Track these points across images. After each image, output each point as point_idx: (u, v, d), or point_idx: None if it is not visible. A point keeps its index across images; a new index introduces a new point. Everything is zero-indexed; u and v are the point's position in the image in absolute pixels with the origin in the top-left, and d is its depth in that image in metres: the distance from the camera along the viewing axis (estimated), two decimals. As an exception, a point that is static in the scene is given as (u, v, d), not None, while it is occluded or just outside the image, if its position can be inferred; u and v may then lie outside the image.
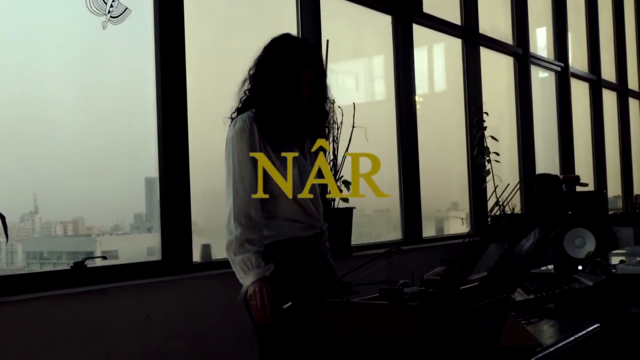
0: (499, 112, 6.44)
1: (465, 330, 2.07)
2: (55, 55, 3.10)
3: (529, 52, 6.70)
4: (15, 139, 2.91)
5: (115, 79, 3.32)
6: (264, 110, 2.53)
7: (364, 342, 1.96)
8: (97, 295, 2.87)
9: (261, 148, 2.51)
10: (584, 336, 2.31)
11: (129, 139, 3.36)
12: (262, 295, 2.38)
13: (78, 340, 2.79)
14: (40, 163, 3.00)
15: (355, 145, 4.06)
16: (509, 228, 1.91)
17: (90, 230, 3.21)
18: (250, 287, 2.40)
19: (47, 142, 3.05)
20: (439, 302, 1.92)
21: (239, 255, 2.42)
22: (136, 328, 2.98)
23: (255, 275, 2.40)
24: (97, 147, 3.20)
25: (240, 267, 2.43)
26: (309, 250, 2.59)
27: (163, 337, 3.08)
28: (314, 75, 2.57)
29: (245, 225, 2.43)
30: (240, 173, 2.48)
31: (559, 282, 2.97)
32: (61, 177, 3.05)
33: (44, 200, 2.99)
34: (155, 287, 3.10)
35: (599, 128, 8.31)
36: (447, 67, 6.10)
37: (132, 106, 3.39)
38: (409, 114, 5.14)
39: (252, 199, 2.46)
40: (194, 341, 3.19)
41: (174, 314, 3.13)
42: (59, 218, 3.12)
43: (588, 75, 8.16)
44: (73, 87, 3.17)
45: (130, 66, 3.39)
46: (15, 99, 2.93)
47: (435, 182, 5.55)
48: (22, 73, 2.98)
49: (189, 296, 3.20)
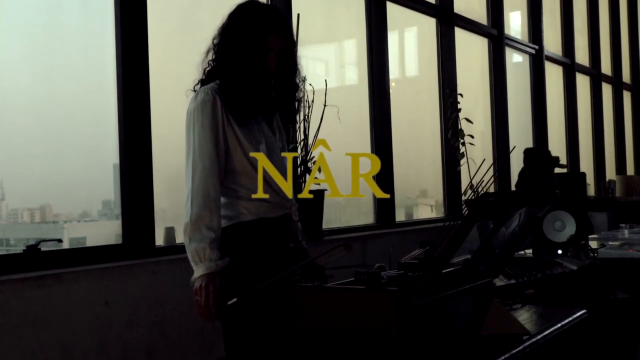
0: (474, 96, 6.32)
1: (448, 318, 1.92)
2: (8, 34, 2.89)
3: (503, 34, 6.58)
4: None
5: (73, 56, 3.12)
6: (229, 81, 2.34)
7: (338, 331, 1.80)
8: (51, 280, 2.68)
9: (224, 122, 2.33)
10: (571, 323, 2.17)
11: (93, 123, 3.19)
12: (208, 292, 2.21)
13: (29, 329, 2.59)
14: (4, 149, 2.86)
15: (327, 126, 3.90)
16: (497, 206, 1.76)
17: (57, 217, 3.08)
18: (197, 280, 2.23)
19: (8, 128, 2.88)
20: (419, 286, 1.77)
21: (193, 241, 2.24)
22: (93, 316, 2.79)
23: (205, 269, 2.22)
24: (61, 132, 3.05)
25: (191, 255, 2.25)
26: (277, 232, 2.42)
27: (123, 325, 2.89)
28: (283, 44, 2.39)
29: (202, 207, 2.25)
30: (200, 149, 2.29)
31: (541, 267, 2.84)
32: (27, 164, 2.94)
33: (11, 187, 2.89)
34: (114, 272, 2.91)
35: (572, 112, 8.24)
36: (420, 49, 5.94)
37: (93, 88, 3.19)
38: (382, 99, 4.98)
39: (212, 178, 2.28)
40: (156, 329, 3.01)
41: (134, 301, 2.94)
42: (26, 205, 3.00)
43: (562, 59, 8.08)
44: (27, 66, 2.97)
45: (89, 43, 3.20)
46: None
47: (406, 168, 5.40)
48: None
49: (150, 281, 3.02)
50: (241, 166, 2.35)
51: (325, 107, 3.88)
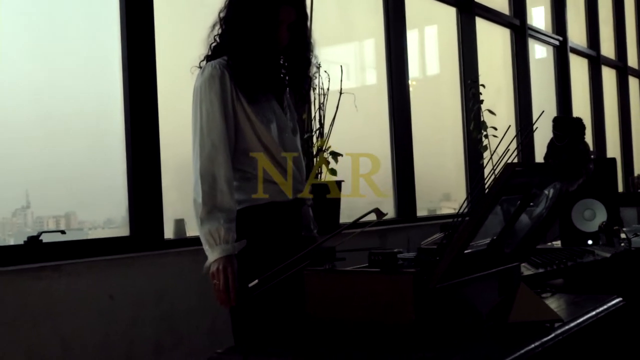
0: (496, 87, 6.12)
1: (471, 303, 1.76)
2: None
3: (526, 24, 6.38)
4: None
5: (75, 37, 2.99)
6: (237, 56, 2.20)
7: (350, 318, 1.64)
8: (50, 272, 2.54)
9: (234, 99, 2.19)
10: (606, 311, 1.99)
11: (99, 115, 3.06)
12: (226, 275, 2.07)
13: (28, 322, 2.45)
14: (28, 158, 2.80)
15: (344, 113, 3.74)
16: (525, 177, 1.59)
17: (82, 224, 2.98)
18: (214, 264, 2.09)
19: (30, 136, 2.82)
20: (439, 268, 1.60)
21: (206, 223, 2.10)
22: (96, 310, 2.65)
23: (221, 252, 2.08)
24: (71, 134, 2.94)
25: (206, 238, 2.11)
26: (290, 217, 2.27)
27: (128, 321, 2.75)
28: (294, 16, 2.24)
29: (213, 187, 2.11)
30: (209, 127, 2.15)
31: (571, 256, 2.66)
32: (50, 171, 2.85)
33: (35, 195, 2.81)
34: (119, 264, 2.77)
35: (598, 106, 8.00)
36: (441, 45, 5.76)
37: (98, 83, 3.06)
38: (402, 95, 4.82)
39: (222, 157, 2.14)
40: (164, 325, 2.86)
41: (141, 295, 2.80)
42: (51, 212, 2.91)
43: (587, 51, 7.85)
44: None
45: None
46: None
47: (428, 167, 5.22)
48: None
49: (158, 275, 2.87)
50: (251, 146, 2.21)
51: (341, 94, 3.72)
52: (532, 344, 1.59)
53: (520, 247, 1.94)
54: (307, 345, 1.68)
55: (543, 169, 1.78)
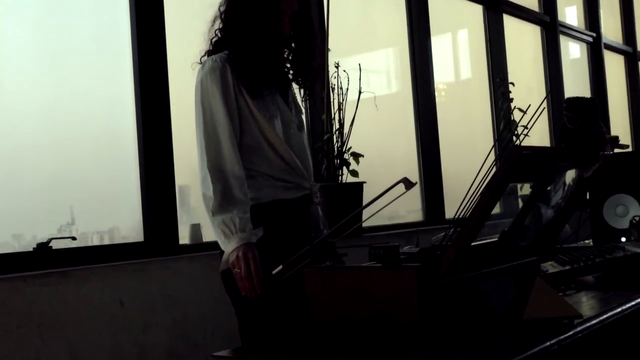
0: (527, 86, 5.95)
1: (482, 300, 1.64)
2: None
3: (557, 20, 6.20)
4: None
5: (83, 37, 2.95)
6: (238, 49, 2.13)
7: (351, 317, 1.54)
8: (58, 278, 2.47)
9: (236, 93, 2.11)
10: (633, 307, 1.85)
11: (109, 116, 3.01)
12: (247, 260, 1.98)
13: (34, 329, 2.39)
14: (73, 175, 2.83)
15: (363, 113, 3.64)
16: (535, 161, 1.47)
17: (125, 239, 2.95)
18: (233, 253, 2.00)
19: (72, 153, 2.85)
20: (444, 262, 1.49)
21: (218, 214, 2.02)
22: (106, 316, 2.58)
23: (239, 240, 2.00)
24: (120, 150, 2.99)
25: (220, 229, 2.02)
26: (297, 215, 2.17)
27: (139, 328, 2.67)
28: (296, 6, 2.16)
29: (223, 181, 2.03)
30: (212, 120, 2.08)
31: (601, 253, 2.51)
32: (93, 187, 2.88)
33: (79, 211, 2.82)
34: (129, 270, 2.69)
35: (636, 103, 7.76)
36: (471, 49, 5.61)
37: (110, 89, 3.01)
38: (427, 99, 4.71)
39: (229, 150, 2.06)
40: (177, 332, 2.78)
41: (152, 301, 2.72)
42: (95, 228, 2.91)
43: (623, 47, 7.62)
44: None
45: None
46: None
47: (459, 175, 5.08)
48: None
49: (170, 280, 2.79)
50: (255, 142, 2.13)
51: (361, 93, 3.63)
52: (547, 342, 1.47)
53: (537, 240, 1.82)
54: (307, 346, 1.58)
55: (554, 153, 1.66)
